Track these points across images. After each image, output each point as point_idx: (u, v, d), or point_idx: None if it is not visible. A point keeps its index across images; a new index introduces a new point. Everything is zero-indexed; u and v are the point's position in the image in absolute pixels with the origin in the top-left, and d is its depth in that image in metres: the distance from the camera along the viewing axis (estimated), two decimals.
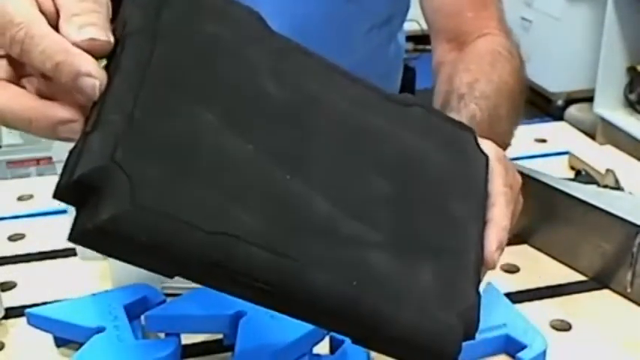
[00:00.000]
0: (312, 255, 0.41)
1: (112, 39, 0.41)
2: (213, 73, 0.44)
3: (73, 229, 0.37)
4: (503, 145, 0.64)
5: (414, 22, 0.88)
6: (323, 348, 0.56)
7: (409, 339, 0.43)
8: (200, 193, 0.39)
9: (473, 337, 0.45)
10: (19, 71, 0.42)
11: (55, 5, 0.41)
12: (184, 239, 0.37)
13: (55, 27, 0.41)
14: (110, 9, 0.43)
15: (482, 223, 0.49)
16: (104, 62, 0.41)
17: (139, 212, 0.36)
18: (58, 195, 0.37)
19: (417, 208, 0.47)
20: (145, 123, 0.39)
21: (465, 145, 0.52)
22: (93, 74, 0.39)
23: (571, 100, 2.98)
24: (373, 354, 0.56)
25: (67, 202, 0.38)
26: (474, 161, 0.52)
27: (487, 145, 0.53)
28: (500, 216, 0.49)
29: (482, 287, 0.62)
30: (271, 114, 0.45)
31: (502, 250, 0.49)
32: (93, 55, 0.40)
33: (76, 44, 0.40)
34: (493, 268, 0.48)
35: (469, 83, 0.69)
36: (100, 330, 0.56)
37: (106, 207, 0.36)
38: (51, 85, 0.41)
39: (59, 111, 0.40)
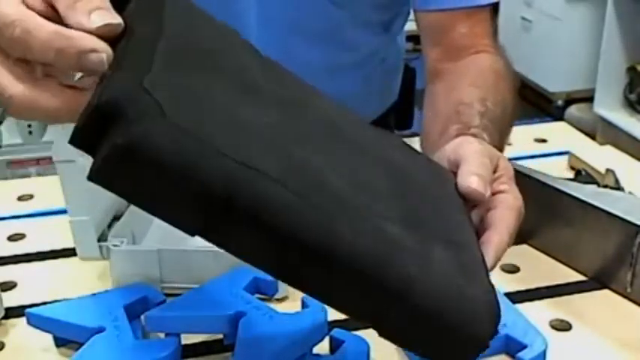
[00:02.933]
0: (335, 210, 0.39)
1: (121, 20, 0.40)
2: (216, 60, 0.43)
3: (93, 164, 0.35)
4: None
5: (414, 22, 0.88)
6: (323, 348, 0.56)
7: (436, 311, 0.39)
8: (231, 128, 0.38)
9: (496, 329, 0.41)
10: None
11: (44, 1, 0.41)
12: (214, 164, 0.35)
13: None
14: None
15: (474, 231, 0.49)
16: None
17: (173, 129, 0.34)
18: (75, 135, 0.35)
19: (417, 202, 0.46)
20: (166, 74, 0.38)
21: (437, 168, 0.53)
22: (98, 49, 0.39)
23: (571, 100, 2.98)
24: (373, 354, 0.56)
25: (83, 144, 0.35)
26: (447, 182, 0.52)
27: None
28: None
29: None
30: (272, 101, 0.44)
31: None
32: (105, 40, 0.39)
33: (90, 32, 0.39)
34: None
35: (481, 100, 0.68)
36: (100, 330, 0.56)
37: (138, 122, 0.33)
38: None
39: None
